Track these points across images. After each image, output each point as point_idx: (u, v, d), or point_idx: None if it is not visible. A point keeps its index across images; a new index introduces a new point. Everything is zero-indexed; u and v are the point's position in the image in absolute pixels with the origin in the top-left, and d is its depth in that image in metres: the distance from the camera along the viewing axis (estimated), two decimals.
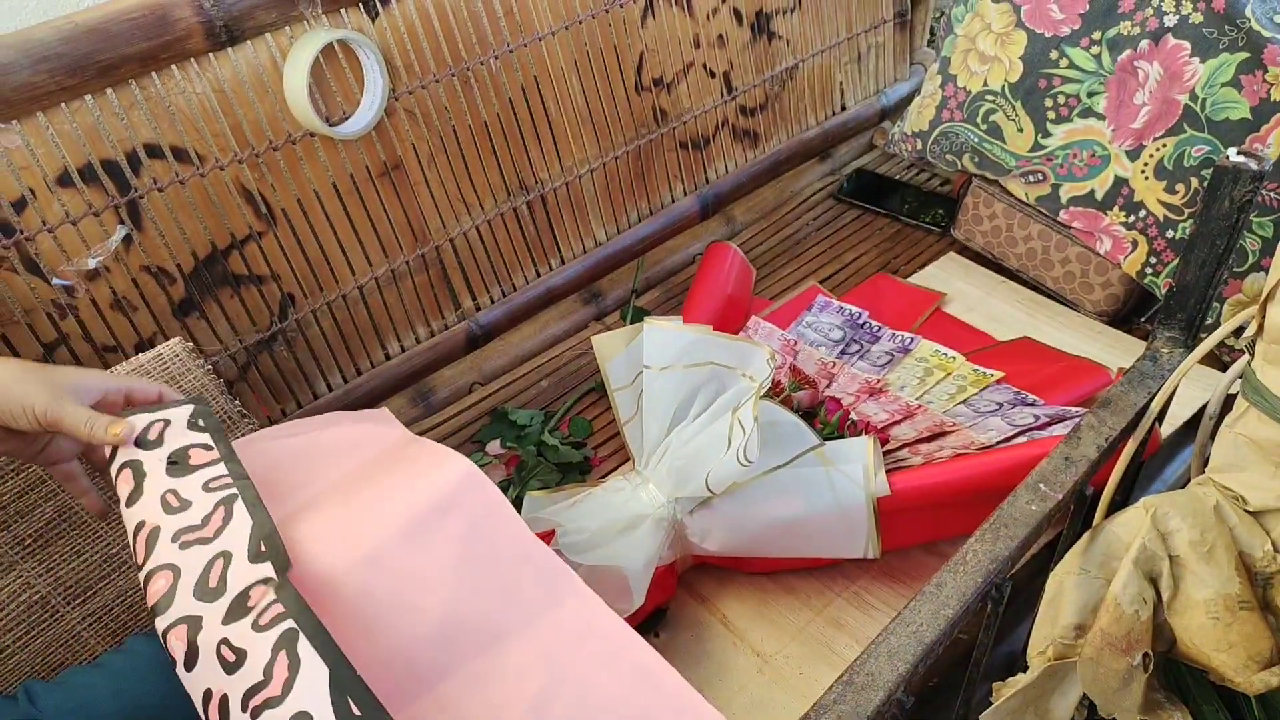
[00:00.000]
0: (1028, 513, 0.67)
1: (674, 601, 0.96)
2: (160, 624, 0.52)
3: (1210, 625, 0.63)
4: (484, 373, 1.23)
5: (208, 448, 0.62)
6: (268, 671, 0.46)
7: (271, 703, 0.45)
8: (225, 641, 0.48)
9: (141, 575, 0.55)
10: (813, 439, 0.93)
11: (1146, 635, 0.64)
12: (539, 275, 1.26)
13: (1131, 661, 0.63)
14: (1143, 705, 0.64)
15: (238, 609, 0.50)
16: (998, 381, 1.10)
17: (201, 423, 0.65)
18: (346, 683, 0.44)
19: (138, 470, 0.61)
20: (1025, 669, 0.73)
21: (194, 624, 0.51)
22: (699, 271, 1.25)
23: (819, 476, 0.91)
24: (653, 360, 0.99)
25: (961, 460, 0.94)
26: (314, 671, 0.45)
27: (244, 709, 0.45)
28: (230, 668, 0.47)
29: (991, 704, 0.73)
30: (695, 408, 0.98)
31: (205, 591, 0.52)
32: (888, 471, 0.93)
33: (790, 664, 0.90)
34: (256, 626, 0.48)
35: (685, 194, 1.39)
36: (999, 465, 0.92)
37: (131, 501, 0.59)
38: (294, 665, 0.45)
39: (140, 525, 0.57)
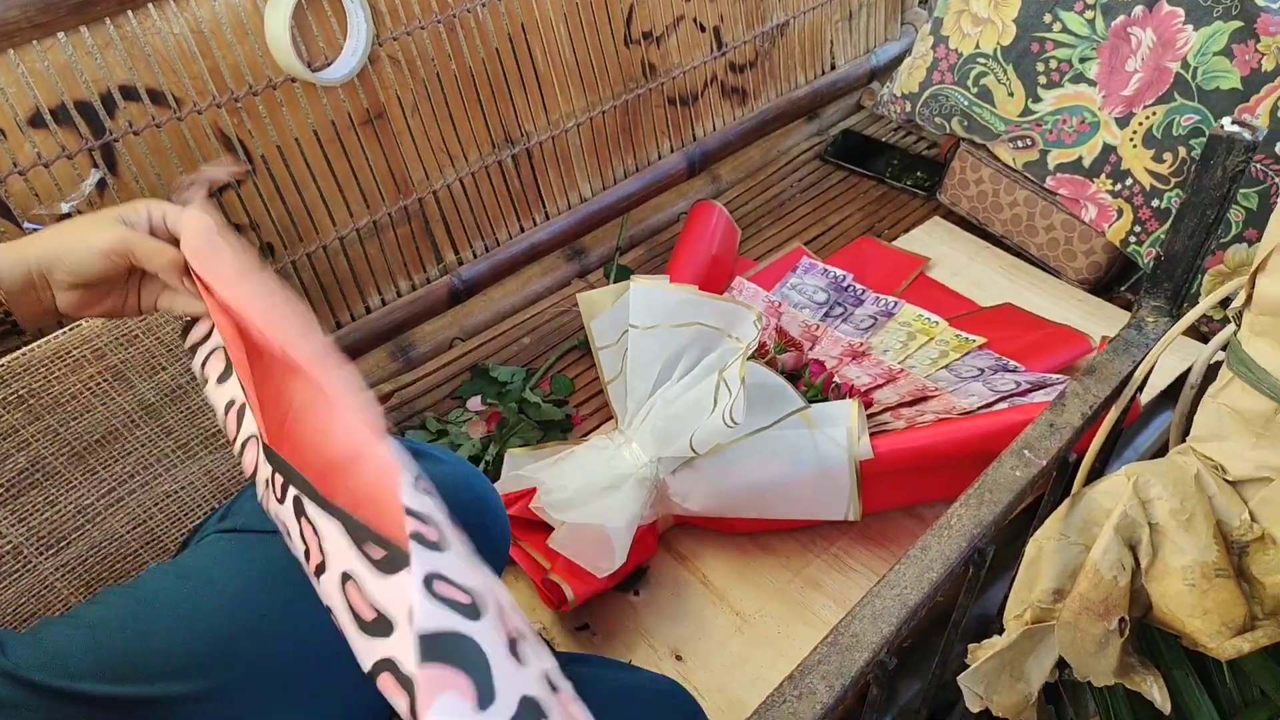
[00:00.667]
0: (1012, 478, 0.67)
1: (654, 560, 0.96)
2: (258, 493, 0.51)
3: (1186, 591, 0.64)
4: (465, 328, 1.21)
5: None
6: (305, 539, 0.45)
7: (321, 569, 0.44)
8: (278, 516, 0.48)
9: (235, 448, 0.54)
10: (798, 401, 0.93)
11: (1124, 601, 0.65)
12: (523, 230, 1.25)
13: (1108, 626, 0.64)
14: (1117, 668, 0.65)
15: (265, 483, 0.49)
16: (980, 347, 1.11)
17: None
18: (359, 530, 0.42)
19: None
20: (999, 632, 0.74)
21: (268, 494, 0.50)
22: (684, 230, 1.24)
23: (803, 439, 0.92)
24: (638, 319, 0.99)
25: (944, 425, 0.95)
26: (332, 530, 0.43)
27: (315, 576, 0.45)
28: (288, 537, 0.47)
29: (968, 665, 0.74)
30: (680, 368, 0.98)
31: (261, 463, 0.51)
32: (870, 435, 0.93)
33: (769, 623, 0.91)
34: (279, 500, 0.47)
35: (672, 151, 1.37)
36: (981, 430, 0.92)
37: (224, 379, 0.57)
38: (315, 529, 0.44)
39: (231, 403, 0.56)
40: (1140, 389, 0.81)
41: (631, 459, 0.92)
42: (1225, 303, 1.02)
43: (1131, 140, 1.12)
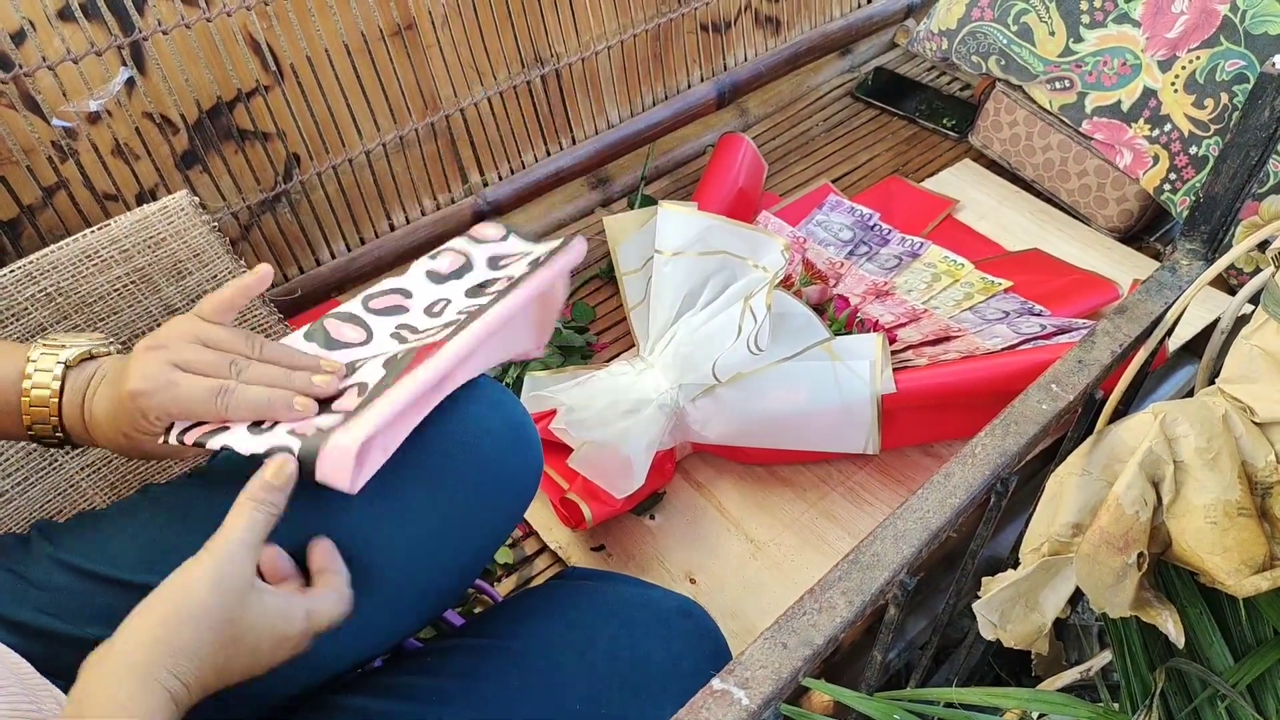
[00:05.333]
0: (1039, 411, 0.67)
1: (671, 487, 0.97)
2: None
3: (1207, 529, 0.64)
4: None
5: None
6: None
7: None
8: None
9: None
10: (823, 332, 0.93)
11: (1143, 536, 0.65)
12: (549, 154, 1.23)
13: (1127, 560, 0.64)
14: (1133, 601, 0.65)
15: None
16: (1005, 290, 1.10)
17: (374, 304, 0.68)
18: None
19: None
20: (1011, 568, 0.75)
21: None
22: (710, 162, 1.23)
23: (825, 370, 0.91)
24: (664, 245, 0.98)
25: (967, 362, 0.94)
26: None
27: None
28: None
29: (980, 597, 0.74)
30: (704, 296, 0.98)
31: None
32: (893, 371, 0.93)
33: (783, 551, 0.92)
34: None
35: (702, 80, 1.35)
36: (1004, 369, 0.92)
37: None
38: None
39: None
40: (1169, 334, 0.81)
41: (652, 385, 0.92)
42: (1261, 249, 1.01)
43: (1173, 85, 1.10)
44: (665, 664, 0.66)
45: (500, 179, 1.20)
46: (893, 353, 1.01)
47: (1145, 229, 1.25)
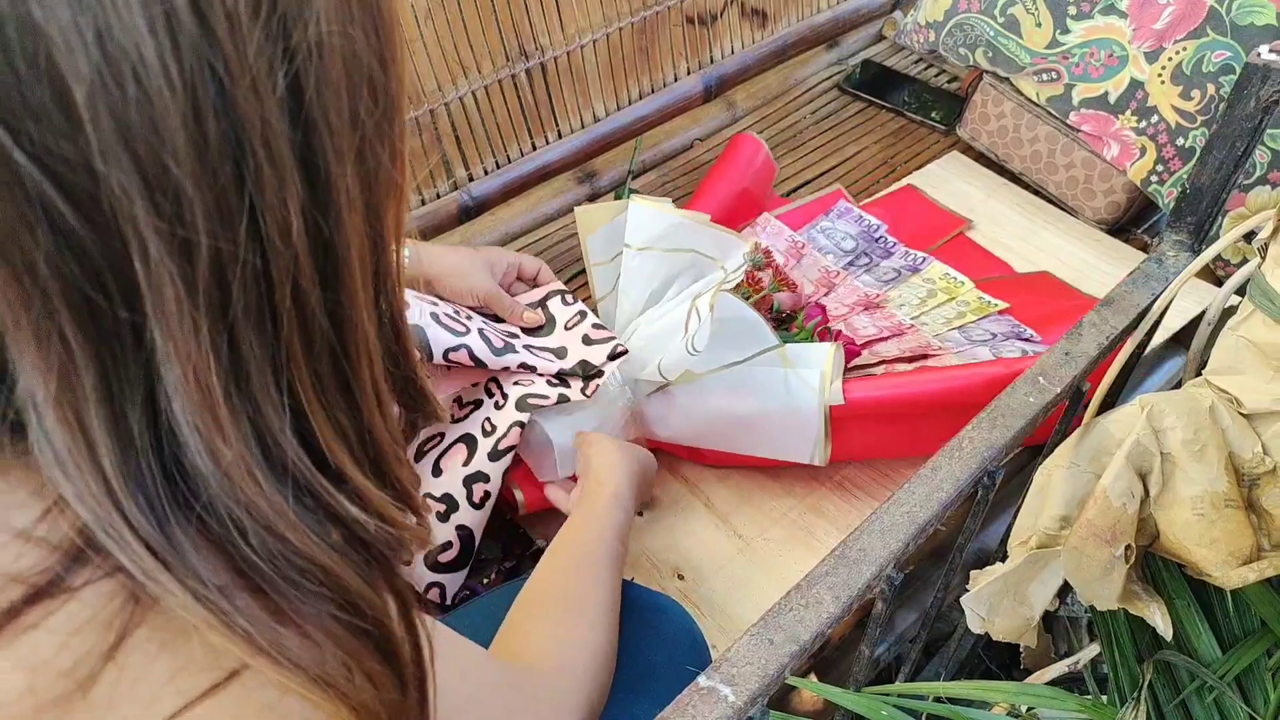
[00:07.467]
0: (1025, 404, 0.67)
1: (658, 483, 0.96)
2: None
3: (1195, 521, 0.64)
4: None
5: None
6: None
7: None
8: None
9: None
10: (771, 339, 0.90)
11: (1131, 528, 0.65)
12: (535, 148, 1.22)
13: (1114, 552, 0.64)
14: (1121, 594, 0.65)
15: None
16: (1000, 312, 1.07)
17: (569, 299, 0.97)
18: None
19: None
20: (999, 561, 0.74)
21: None
22: (719, 160, 1.20)
23: (776, 377, 0.89)
24: (633, 239, 0.97)
25: (921, 374, 0.91)
26: None
27: None
28: None
29: (968, 590, 0.74)
30: (669, 293, 0.96)
31: None
32: (850, 379, 0.90)
33: (770, 547, 0.91)
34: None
35: (688, 73, 1.34)
36: (959, 384, 0.88)
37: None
38: None
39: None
40: (1156, 325, 0.81)
41: (607, 378, 0.90)
42: (1248, 240, 1.01)
43: (1160, 76, 1.09)
44: (641, 660, 0.65)
45: (486, 173, 1.19)
46: (864, 366, 0.99)
47: (1133, 221, 1.25)
